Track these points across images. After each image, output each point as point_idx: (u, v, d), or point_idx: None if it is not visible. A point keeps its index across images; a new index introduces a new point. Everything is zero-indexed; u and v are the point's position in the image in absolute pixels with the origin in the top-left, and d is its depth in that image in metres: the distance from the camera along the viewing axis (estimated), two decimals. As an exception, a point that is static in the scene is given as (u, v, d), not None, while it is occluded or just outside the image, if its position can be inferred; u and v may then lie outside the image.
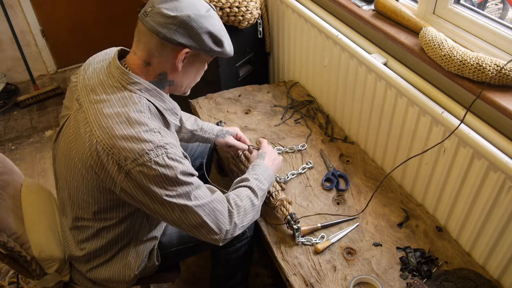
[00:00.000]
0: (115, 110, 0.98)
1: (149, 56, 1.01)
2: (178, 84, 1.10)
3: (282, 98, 1.96)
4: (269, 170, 1.32)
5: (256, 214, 1.22)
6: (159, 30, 0.96)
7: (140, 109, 1.00)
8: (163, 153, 0.97)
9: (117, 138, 0.95)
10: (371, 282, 1.22)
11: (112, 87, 1.02)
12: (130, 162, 0.95)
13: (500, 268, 1.21)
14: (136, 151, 0.95)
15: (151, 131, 0.98)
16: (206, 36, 1.00)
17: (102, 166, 0.97)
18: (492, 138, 1.14)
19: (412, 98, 1.32)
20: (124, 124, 0.97)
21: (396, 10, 1.39)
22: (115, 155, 0.96)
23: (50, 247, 1.18)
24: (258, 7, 2.01)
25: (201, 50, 1.02)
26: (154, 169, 0.96)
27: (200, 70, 1.12)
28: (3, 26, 2.78)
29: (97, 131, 0.97)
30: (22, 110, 2.88)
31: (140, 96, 1.02)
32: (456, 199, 1.30)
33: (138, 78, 1.02)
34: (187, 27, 0.97)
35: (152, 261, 1.25)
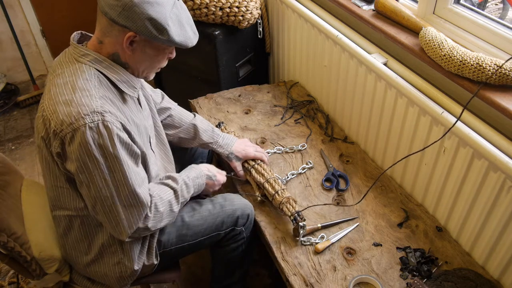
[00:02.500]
0: (64, 80, 1.03)
1: (102, 35, 1.04)
2: (132, 67, 1.10)
3: (282, 98, 1.96)
4: (202, 179, 1.31)
5: (171, 220, 1.22)
6: (107, 11, 0.99)
7: (86, 77, 1.02)
8: (99, 119, 0.98)
9: (59, 103, 0.99)
10: (371, 282, 1.22)
11: (67, 63, 1.06)
12: (66, 126, 0.97)
13: (500, 268, 1.21)
14: (72, 115, 0.97)
15: (91, 96, 1.00)
16: (148, 23, 0.99)
17: (47, 133, 1.01)
18: (492, 138, 1.14)
19: (412, 98, 1.32)
20: (68, 91, 1.00)
21: (396, 10, 1.39)
22: (53, 120, 0.99)
23: (50, 247, 1.18)
24: (258, 7, 2.01)
25: (145, 35, 1.01)
26: (87, 134, 0.97)
27: (156, 57, 1.10)
28: (3, 26, 2.78)
29: (46, 100, 1.03)
30: (22, 110, 2.88)
31: (89, 66, 1.04)
32: (456, 199, 1.30)
33: (88, 50, 1.05)
34: (129, 10, 0.98)
35: (151, 259, 1.25)
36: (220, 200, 1.38)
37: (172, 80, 2.29)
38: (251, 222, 1.38)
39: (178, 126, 1.48)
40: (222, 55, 1.97)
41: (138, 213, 1.09)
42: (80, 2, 2.97)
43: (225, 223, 1.33)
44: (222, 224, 1.33)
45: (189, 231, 1.31)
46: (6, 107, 2.85)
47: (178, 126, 1.48)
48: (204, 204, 1.36)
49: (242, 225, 1.35)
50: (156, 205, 1.14)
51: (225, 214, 1.33)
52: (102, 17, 1.01)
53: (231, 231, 1.35)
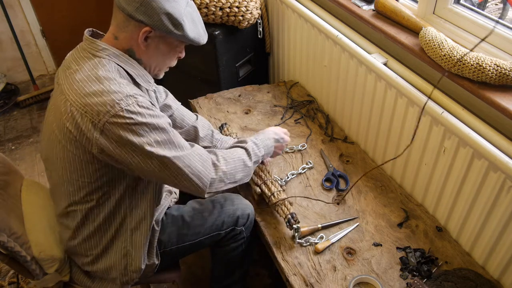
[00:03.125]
0: (85, 74, 1.03)
1: (117, 31, 1.07)
2: (145, 63, 1.13)
3: (282, 98, 1.96)
4: (270, 140, 1.38)
5: (246, 176, 1.26)
6: (124, 6, 1.02)
7: (108, 69, 1.04)
8: (134, 102, 1.00)
9: (88, 96, 1.00)
10: (371, 282, 1.22)
11: (83, 58, 1.07)
12: (103, 116, 0.98)
13: (500, 268, 1.21)
14: (107, 103, 0.98)
15: (119, 84, 1.02)
16: (165, 17, 1.02)
17: (78, 127, 1.00)
18: (492, 138, 1.14)
19: (412, 98, 1.32)
20: (93, 82, 1.01)
21: (396, 10, 1.39)
22: (88, 113, 0.99)
23: (50, 247, 1.18)
24: (258, 7, 2.01)
25: (161, 30, 1.04)
26: (128, 117, 0.99)
27: (167, 54, 1.13)
28: (3, 26, 2.78)
29: (70, 95, 1.02)
30: (22, 110, 2.89)
31: (109, 60, 1.06)
32: (456, 199, 1.30)
33: (106, 45, 1.07)
34: (147, 5, 1.01)
35: (152, 259, 1.25)
36: (221, 200, 1.38)
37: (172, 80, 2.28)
38: (251, 222, 1.38)
39: (179, 127, 1.48)
40: (222, 55, 1.97)
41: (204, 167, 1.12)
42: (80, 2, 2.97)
43: (225, 223, 1.33)
44: (223, 224, 1.33)
45: (189, 230, 1.31)
46: (6, 107, 2.85)
47: (180, 127, 1.48)
48: (204, 204, 1.36)
49: (242, 225, 1.36)
50: (224, 156, 1.20)
51: (226, 214, 1.33)
52: (119, 13, 1.04)
53: (231, 231, 1.35)
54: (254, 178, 1.47)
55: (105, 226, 1.16)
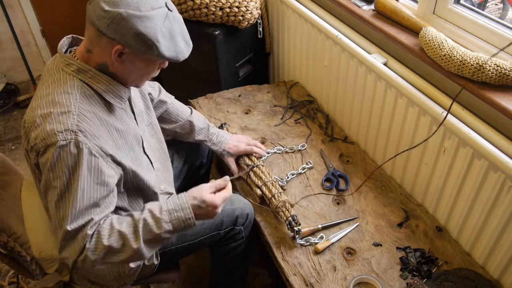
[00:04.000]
0: (46, 91, 1.01)
1: (90, 44, 1.01)
2: (120, 78, 1.06)
3: (282, 98, 1.96)
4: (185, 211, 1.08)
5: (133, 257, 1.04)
6: (95, 21, 0.96)
7: (68, 90, 1.00)
8: (72, 138, 0.95)
9: (37, 116, 0.97)
10: (371, 282, 1.22)
11: (52, 70, 1.05)
12: (39, 141, 0.96)
13: (500, 268, 1.21)
14: (46, 131, 0.95)
15: (68, 112, 0.97)
16: (136, 38, 0.94)
17: (28, 143, 1.00)
18: (492, 138, 1.14)
19: (412, 98, 1.32)
20: (47, 104, 0.98)
21: (396, 10, 1.39)
22: (32, 132, 0.98)
23: (50, 247, 1.18)
24: (258, 7, 2.01)
25: (134, 50, 0.97)
26: (56, 151, 0.94)
27: (145, 68, 1.05)
28: (3, 26, 2.78)
29: (29, 110, 1.01)
30: (22, 110, 2.88)
31: (73, 77, 1.02)
32: (456, 199, 1.30)
33: (73, 60, 1.02)
34: (118, 24, 0.94)
35: (151, 260, 1.25)
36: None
37: (172, 80, 2.29)
38: (250, 221, 1.38)
39: (174, 121, 1.48)
40: (222, 55, 1.97)
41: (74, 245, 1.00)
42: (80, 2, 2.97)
43: (224, 223, 1.33)
44: (222, 223, 1.33)
45: (189, 230, 1.31)
46: (6, 107, 2.85)
47: (175, 121, 1.48)
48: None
49: (241, 224, 1.36)
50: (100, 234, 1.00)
51: (225, 214, 1.33)
52: (91, 27, 0.98)
53: (230, 231, 1.35)
54: (255, 179, 1.47)
55: None
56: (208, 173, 1.76)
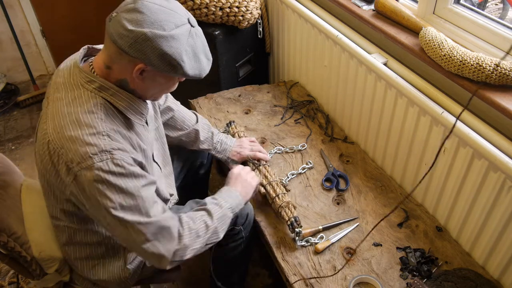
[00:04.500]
0: (68, 109, 0.97)
1: (110, 61, 0.98)
2: (141, 94, 1.05)
3: (282, 98, 1.96)
4: (232, 192, 1.25)
5: (212, 236, 1.14)
6: (116, 40, 0.92)
7: (91, 109, 0.97)
8: (108, 158, 0.94)
9: (64, 139, 0.94)
10: (371, 282, 1.22)
11: (71, 85, 1.00)
12: (75, 165, 0.93)
13: (500, 268, 1.21)
14: (79, 154, 0.93)
15: (98, 134, 0.95)
16: (161, 58, 0.93)
17: (53, 166, 0.97)
18: (492, 138, 1.14)
19: (412, 98, 1.32)
20: (73, 125, 0.95)
21: (396, 10, 1.39)
22: (63, 156, 0.94)
23: (50, 247, 1.18)
24: (258, 7, 2.01)
25: (157, 69, 0.95)
26: (97, 174, 0.93)
27: (166, 84, 1.05)
28: (3, 26, 2.78)
29: (51, 130, 0.97)
30: (22, 110, 2.88)
31: (95, 95, 0.99)
32: (456, 199, 1.30)
33: (95, 76, 0.99)
34: (142, 44, 0.91)
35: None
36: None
37: (172, 80, 2.29)
38: (250, 221, 1.38)
39: (180, 129, 1.47)
40: (222, 55, 1.97)
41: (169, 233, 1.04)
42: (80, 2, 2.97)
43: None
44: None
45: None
46: (6, 107, 2.85)
47: (180, 129, 1.47)
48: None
49: (241, 224, 1.35)
50: (188, 222, 1.10)
51: None
52: (111, 45, 0.94)
53: (230, 230, 1.35)
54: (260, 178, 1.47)
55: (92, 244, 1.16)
56: (208, 173, 1.76)
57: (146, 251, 1.02)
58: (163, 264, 1.05)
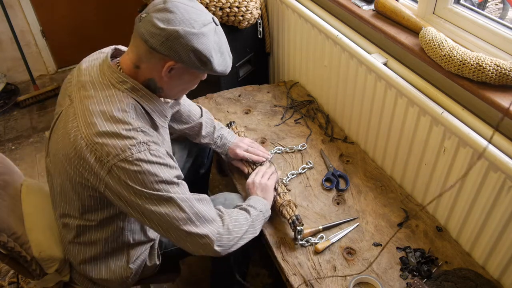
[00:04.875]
0: (101, 108, 0.99)
1: (138, 60, 1.01)
2: (166, 92, 1.09)
3: (282, 98, 1.96)
4: (260, 200, 1.30)
5: (250, 228, 1.18)
6: (147, 39, 0.96)
7: (124, 108, 1.00)
8: (146, 149, 0.98)
9: (100, 135, 0.96)
10: (371, 282, 1.22)
11: (101, 84, 1.02)
12: (112, 158, 0.95)
13: (500, 268, 1.21)
14: (118, 147, 0.96)
15: (134, 130, 0.99)
16: (192, 54, 0.97)
17: (85, 162, 0.98)
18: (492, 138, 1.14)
19: (412, 98, 1.32)
20: (108, 122, 0.98)
21: (396, 10, 1.39)
22: (97, 151, 0.96)
23: (50, 247, 1.18)
24: (258, 7, 2.01)
25: (187, 66, 1.00)
26: (136, 164, 0.96)
27: (190, 82, 1.10)
28: (3, 26, 2.78)
29: (82, 127, 0.98)
30: (22, 110, 2.88)
31: (127, 95, 1.02)
32: (456, 199, 1.30)
33: (127, 77, 1.02)
34: (174, 41, 0.95)
35: (153, 260, 1.25)
36: (221, 199, 1.38)
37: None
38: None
39: (185, 122, 1.48)
40: (222, 55, 1.97)
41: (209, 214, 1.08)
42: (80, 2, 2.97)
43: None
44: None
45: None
46: (6, 107, 2.85)
47: (185, 122, 1.49)
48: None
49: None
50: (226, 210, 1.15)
51: None
52: (142, 44, 0.98)
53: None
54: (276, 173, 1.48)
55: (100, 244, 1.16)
56: (208, 173, 1.76)
57: (189, 231, 1.03)
58: (208, 247, 1.07)
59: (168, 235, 1.05)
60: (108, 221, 1.12)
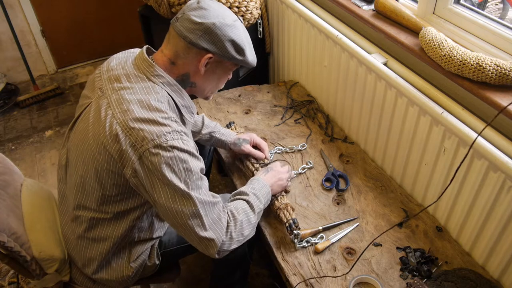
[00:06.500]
0: (137, 97, 1.04)
1: (175, 57, 1.08)
2: (199, 87, 1.15)
3: (282, 98, 1.96)
4: (267, 187, 1.31)
5: (252, 231, 1.21)
6: (186, 35, 1.04)
7: (160, 99, 1.05)
8: (179, 138, 1.02)
9: (136, 120, 1.00)
10: (371, 282, 1.22)
11: (136, 77, 1.08)
12: (146, 143, 0.99)
13: (500, 268, 1.21)
14: (154, 132, 0.99)
15: (169, 118, 1.03)
16: (229, 44, 1.06)
17: (118, 147, 1.00)
18: (492, 139, 1.14)
19: (412, 98, 1.32)
20: (144, 109, 1.02)
21: (396, 10, 1.39)
22: (132, 136, 0.99)
23: (50, 247, 1.18)
24: (258, 7, 2.01)
25: (223, 56, 1.07)
26: (170, 150, 0.99)
27: (222, 77, 1.18)
28: (3, 26, 2.78)
29: (118, 113, 1.02)
30: (22, 110, 2.88)
31: (162, 88, 1.07)
32: (456, 199, 1.30)
33: (162, 72, 1.08)
34: (211, 33, 1.04)
35: (153, 260, 1.25)
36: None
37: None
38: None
39: None
40: (222, 55, 1.97)
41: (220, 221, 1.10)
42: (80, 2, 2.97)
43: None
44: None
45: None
46: (6, 107, 2.85)
47: None
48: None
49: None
50: (233, 212, 1.16)
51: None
52: (180, 41, 1.05)
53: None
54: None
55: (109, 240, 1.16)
56: (208, 173, 1.76)
57: (198, 233, 1.06)
58: (211, 250, 1.09)
59: (177, 229, 1.09)
60: (122, 216, 1.14)
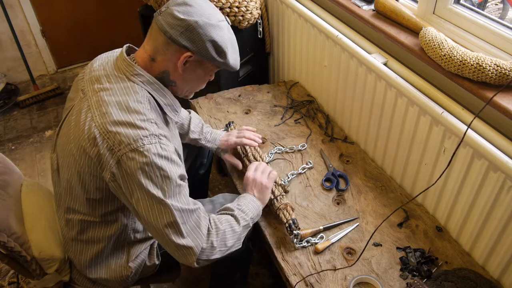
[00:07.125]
0: (116, 98, 1.02)
1: (155, 53, 1.05)
2: (179, 86, 1.12)
3: (282, 98, 1.96)
4: (255, 202, 1.27)
5: (237, 242, 1.17)
6: (167, 30, 1.00)
7: (140, 99, 1.03)
8: (157, 141, 0.99)
9: (114, 123, 0.98)
10: (371, 282, 1.22)
11: (116, 77, 1.05)
12: (123, 147, 0.97)
13: (500, 268, 1.21)
14: (131, 136, 0.97)
15: (148, 120, 1.01)
16: (210, 44, 1.02)
17: (96, 150, 0.99)
18: (492, 138, 1.14)
19: (412, 98, 1.32)
20: (123, 112, 1.00)
21: (396, 10, 1.39)
22: (110, 140, 0.97)
23: (50, 247, 1.18)
24: (258, 7, 2.01)
25: (203, 57, 1.03)
26: (146, 155, 0.97)
27: (202, 77, 1.13)
28: (3, 26, 2.78)
29: (97, 116, 1.00)
30: (22, 110, 2.88)
31: (141, 88, 1.05)
32: (456, 199, 1.30)
33: (142, 70, 1.05)
34: (193, 31, 1.00)
35: (153, 260, 1.25)
36: (221, 200, 1.38)
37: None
38: (251, 222, 1.38)
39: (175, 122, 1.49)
40: (222, 55, 1.97)
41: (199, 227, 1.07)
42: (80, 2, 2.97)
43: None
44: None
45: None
46: (6, 107, 2.85)
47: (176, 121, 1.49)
48: (204, 205, 1.36)
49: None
50: (215, 221, 1.13)
51: None
52: (160, 35, 1.02)
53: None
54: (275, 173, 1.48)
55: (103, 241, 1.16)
56: (208, 173, 1.76)
57: (175, 241, 1.02)
58: (189, 258, 1.06)
59: (154, 236, 1.06)
60: (111, 217, 1.13)
